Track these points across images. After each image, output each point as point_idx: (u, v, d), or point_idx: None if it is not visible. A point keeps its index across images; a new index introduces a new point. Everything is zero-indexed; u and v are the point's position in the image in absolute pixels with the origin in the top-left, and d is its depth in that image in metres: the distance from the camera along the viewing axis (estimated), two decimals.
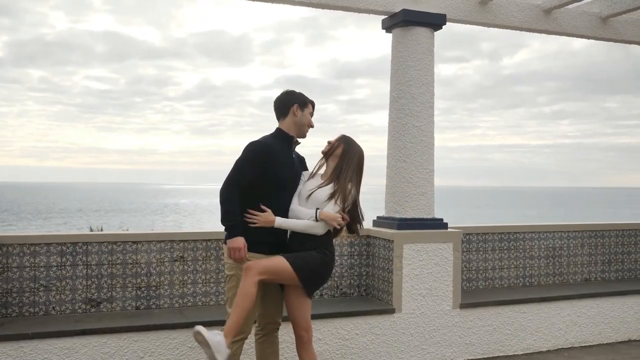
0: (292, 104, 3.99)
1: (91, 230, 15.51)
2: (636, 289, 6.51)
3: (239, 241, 3.69)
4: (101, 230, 16.42)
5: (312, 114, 4.09)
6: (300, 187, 3.99)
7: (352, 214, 3.98)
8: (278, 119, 4.06)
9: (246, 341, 3.93)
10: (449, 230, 5.57)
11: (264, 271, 3.63)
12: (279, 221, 3.78)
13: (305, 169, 4.17)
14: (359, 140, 4.08)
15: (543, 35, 6.47)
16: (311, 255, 3.76)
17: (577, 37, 6.55)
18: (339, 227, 3.85)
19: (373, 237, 5.65)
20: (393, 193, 5.60)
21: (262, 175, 3.78)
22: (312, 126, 4.09)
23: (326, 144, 4.05)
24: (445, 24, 5.63)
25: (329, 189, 3.87)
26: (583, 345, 6.16)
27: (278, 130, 4.03)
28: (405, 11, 5.44)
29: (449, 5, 5.71)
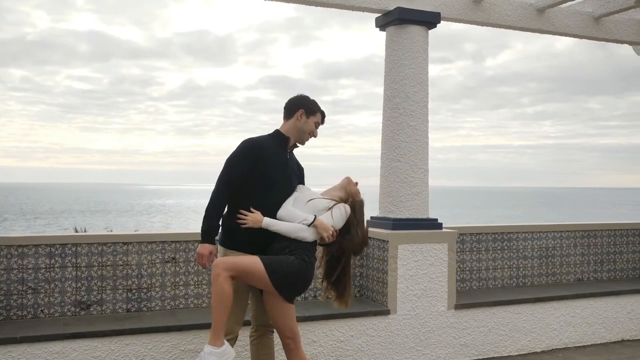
0: (298, 108, 3.93)
1: (76, 232, 15.27)
2: (629, 289, 6.51)
3: (205, 248, 3.70)
4: (85, 231, 16.16)
5: (318, 124, 4.01)
6: (297, 193, 3.90)
7: (340, 276, 3.88)
8: (283, 118, 4.00)
9: (242, 344, 3.84)
10: (443, 230, 5.53)
11: (232, 268, 3.48)
12: (267, 221, 3.67)
13: (302, 179, 4.10)
14: (343, 140, 4.01)
15: (526, 36, 6.51)
16: (288, 260, 3.60)
17: (570, 36, 6.53)
18: (327, 240, 3.73)
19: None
20: (387, 193, 5.54)
21: (251, 172, 3.73)
22: (314, 135, 4.00)
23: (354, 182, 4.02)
24: (439, 22, 5.58)
25: (330, 202, 3.82)
26: (577, 345, 6.14)
27: (276, 131, 3.97)
28: (399, 9, 5.38)
29: (443, 4, 5.67)
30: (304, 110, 3.92)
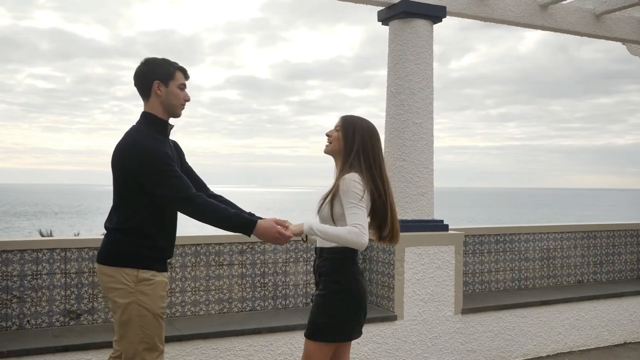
0: (152, 81, 3.12)
1: (41, 235, 14.67)
2: (631, 291, 6.39)
3: (269, 226, 3.01)
4: (50, 234, 15.54)
5: (183, 86, 3.19)
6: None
7: (379, 212, 3.10)
8: (143, 99, 3.20)
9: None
10: (450, 232, 5.33)
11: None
12: (311, 225, 2.98)
13: (182, 156, 3.38)
14: (310, 141, 3.45)
15: (490, 39, 6.39)
16: (317, 314, 3.05)
17: (572, 33, 6.41)
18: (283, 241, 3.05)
19: (370, 239, 5.34)
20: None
21: None
22: (187, 100, 3.23)
23: (326, 141, 3.15)
24: (445, 16, 5.39)
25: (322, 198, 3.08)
26: (582, 349, 6.00)
27: (148, 117, 3.16)
28: (405, 2, 5.17)
29: None
30: (159, 81, 3.13)
